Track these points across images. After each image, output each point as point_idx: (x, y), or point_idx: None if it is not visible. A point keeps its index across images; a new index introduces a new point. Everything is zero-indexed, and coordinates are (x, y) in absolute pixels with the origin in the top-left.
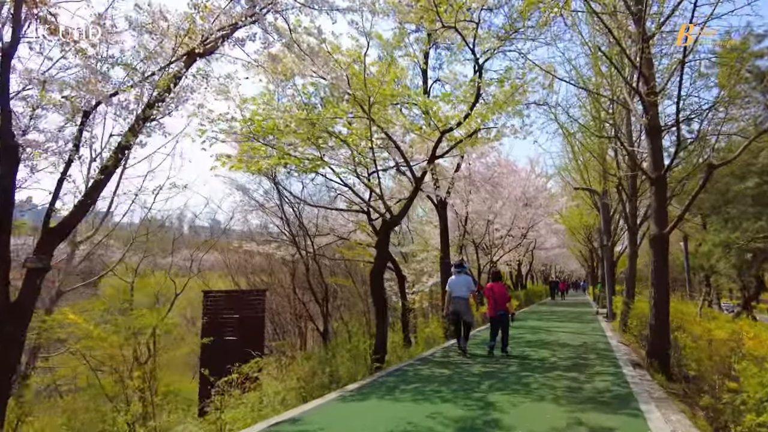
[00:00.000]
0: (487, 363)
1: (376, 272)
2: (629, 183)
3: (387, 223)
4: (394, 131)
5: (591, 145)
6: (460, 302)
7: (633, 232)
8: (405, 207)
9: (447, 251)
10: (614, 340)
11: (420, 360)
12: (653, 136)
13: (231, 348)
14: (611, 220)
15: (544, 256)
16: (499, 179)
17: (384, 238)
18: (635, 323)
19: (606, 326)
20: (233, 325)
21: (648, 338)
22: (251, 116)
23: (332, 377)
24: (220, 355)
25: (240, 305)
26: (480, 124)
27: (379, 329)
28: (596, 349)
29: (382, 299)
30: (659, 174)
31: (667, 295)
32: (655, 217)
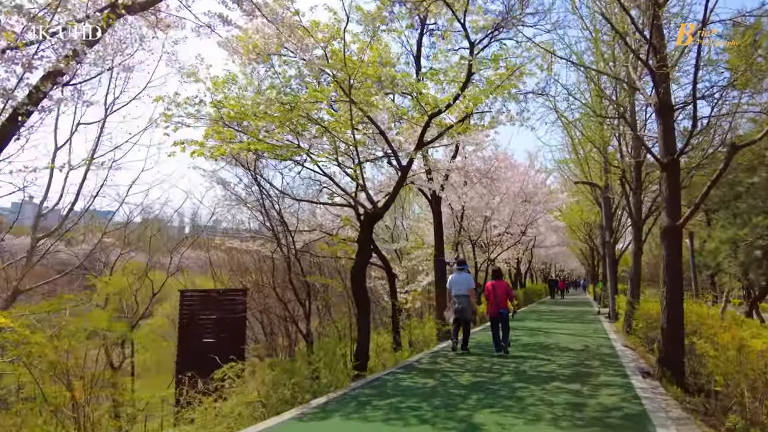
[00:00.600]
0: (477, 372)
1: (358, 270)
2: (633, 174)
3: (369, 216)
4: (380, 117)
5: (592, 135)
6: (461, 300)
7: (637, 227)
8: (390, 198)
9: (441, 248)
10: (618, 343)
11: (404, 367)
12: (664, 116)
13: (209, 351)
14: (613, 216)
15: (543, 254)
16: (497, 173)
17: (366, 232)
18: (641, 325)
19: (609, 327)
20: (211, 327)
21: (659, 344)
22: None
23: (298, 389)
24: (197, 359)
25: (219, 305)
26: (472, 109)
27: (361, 333)
28: (600, 354)
29: (365, 300)
30: (672, 158)
31: (681, 296)
32: (667, 207)
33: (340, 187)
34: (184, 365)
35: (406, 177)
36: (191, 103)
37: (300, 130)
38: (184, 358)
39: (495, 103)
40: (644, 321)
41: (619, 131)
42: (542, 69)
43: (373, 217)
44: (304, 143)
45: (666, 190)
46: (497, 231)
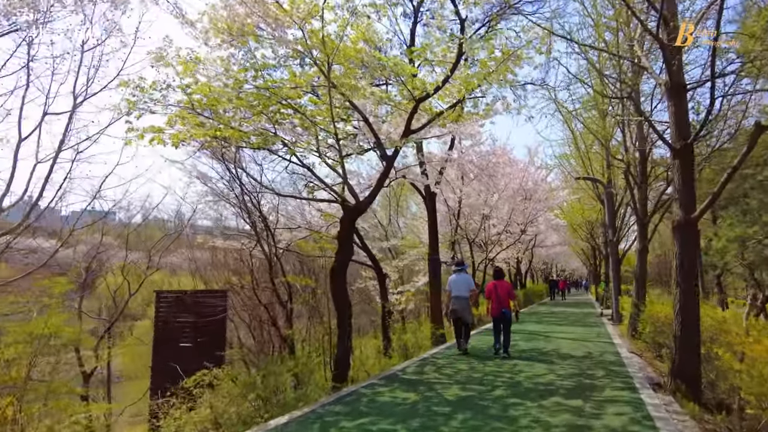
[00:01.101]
0: (466, 384)
1: (338, 270)
2: (638, 168)
3: (350, 211)
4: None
5: (594, 127)
6: (460, 302)
7: (642, 224)
8: (373, 192)
9: (436, 247)
10: (624, 349)
11: (386, 378)
12: (677, 96)
13: (186, 356)
14: (617, 213)
15: (544, 254)
16: (495, 169)
17: (347, 228)
18: (648, 329)
19: (612, 331)
20: (189, 330)
21: (671, 353)
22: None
23: (262, 404)
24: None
25: (198, 307)
26: (464, 94)
27: (341, 340)
28: (604, 363)
29: (345, 303)
30: (685, 143)
31: (696, 299)
32: (679, 199)
33: (320, 179)
34: (160, 372)
35: (390, 168)
36: (157, 88)
37: (279, 119)
38: (159, 365)
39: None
40: (651, 325)
41: (622, 122)
42: (540, 52)
43: (354, 212)
44: (285, 134)
45: (678, 179)
46: (496, 230)
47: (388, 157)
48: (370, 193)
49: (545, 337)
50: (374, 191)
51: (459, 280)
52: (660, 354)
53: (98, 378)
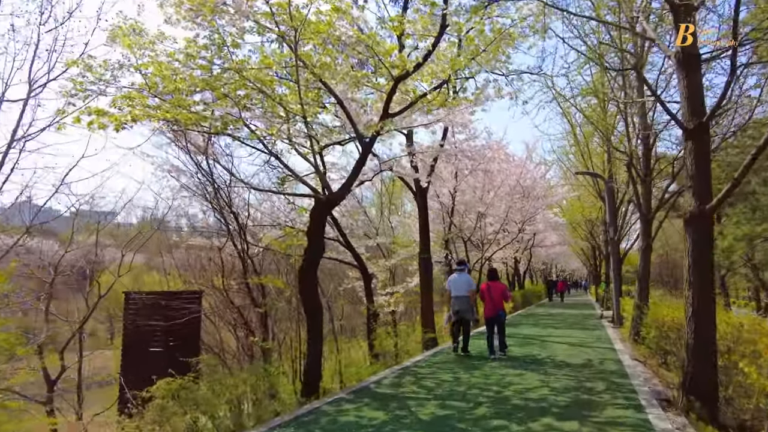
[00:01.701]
0: (447, 399)
1: (306, 269)
2: (642, 160)
3: (322, 204)
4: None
5: (593, 116)
6: (461, 301)
7: (646, 220)
8: (347, 182)
9: (427, 246)
10: (626, 356)
11: (356, 391)
12: (689, 68)
13: (158, 360)
14: (618, 210)
15: (543, 254)
16: (490, 165)
17: (318, 223)
18: (653, 333)
19: (613, 335)
20: (160, 334)
21: (683, 365)
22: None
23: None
24: (143, 370)
25: (170, 310)
26: (449, 73)
27: (311, 348)
28: (604, 373)
29: (315, 306)
30: (699, 122)
31: (713, 301)
32: (693, 186)
33: (290, 170)
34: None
35: (367, 155)
36: (108, 68)
37: (247, 104)
38: (128, 371)
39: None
40: (656, 329)
41: (625, 110)
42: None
43: (325, 205)
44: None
45: (691, 164)
46: (492, 228)
47: (365, 143)
48: (344, 184)
49: (541, 341)
50: (348, 182)
51: (459, 280)
52: (666, 361)
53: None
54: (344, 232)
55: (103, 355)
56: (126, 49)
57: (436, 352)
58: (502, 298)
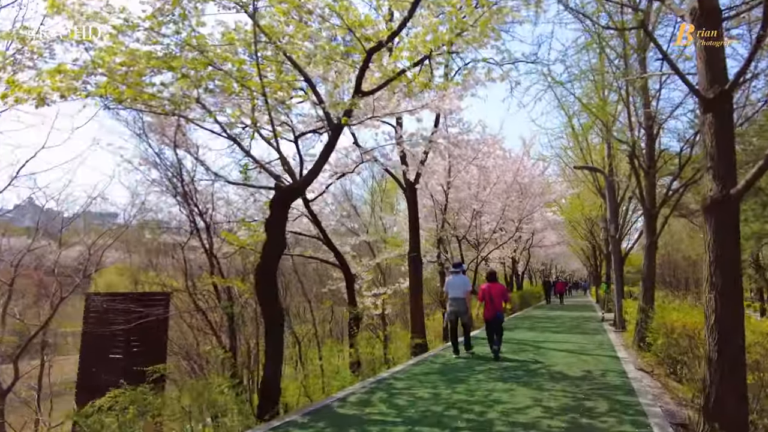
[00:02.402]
0: (418, 424)
1: (264, 268)
2: (645, 152)
3: (284, 192)
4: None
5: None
6: (458, 303)
7: (650, 215)
8: (313, 169)
9: (417, 244)
10: (631, 365)
11: (315, 412)
12: (710, 25)
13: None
14: (619, 208)
15: (543, 254)
16: (486, 160)
17: (279, 214)
18: (660, 341)
19: (616, 340)
20: (122, 339)
21: (705, 384)
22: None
23: None
24: (100, 378)
25: (133, 312)
26: (430, 48)
27: (270, 360)
28: (607, 387)
29: (274, 311)
30: (721, 90)
31: (740, 306)
32: (713, 168)
33: (248, 153)
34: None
35: (337, 137)
36: (43, 39)
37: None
38: (84, 380)
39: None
40: (664, 336)
41: (627, 94)
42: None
43: (288, 194)
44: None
45: (712, 141)
46: (489, 227)
47: (335, 124)
48: (310, 171)
49: (536, 348)
50: (315, 168)
51: (456, 281)
52: (675, 371)
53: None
54: (324, 228)
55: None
56: (69, 19)
57: (419, 361)
58: (501, 299)
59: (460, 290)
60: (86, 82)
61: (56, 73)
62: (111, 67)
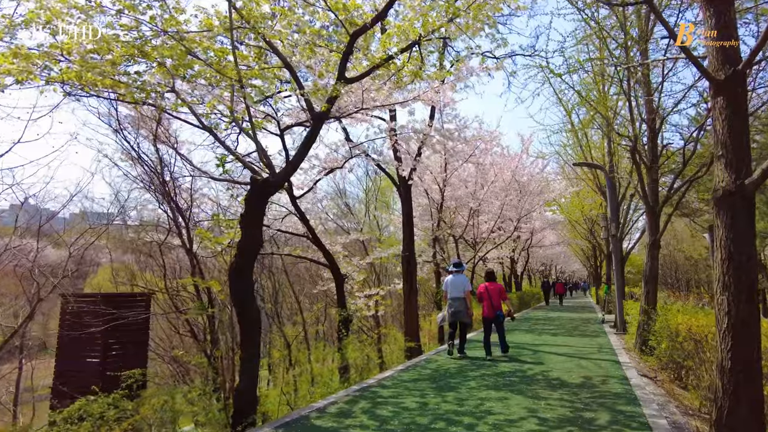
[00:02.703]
0: None
1: (239, 267)
2: (648, 146)
3: (260, 186)
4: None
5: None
6: (458, 303)
7: (653, 213)
8: (294, 160)
9: (411, 244)
10: (633, 371)
11: (288, 424)
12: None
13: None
14: (621, 205)
15: (542, 254)
16: (483, 157)
17: (255, 210)
18: (664, 344)
19: (617, 343)
20: (100, 342)
21: (717, 395)
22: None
23: None
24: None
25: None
26: (419, 34)
27: (245, 366)
28: (608, 396)
29: (250, 314)
30: (734, 69)
31: (755, 309)
32: (725, 156)
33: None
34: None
35: (319, 127)
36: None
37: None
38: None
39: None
40: (668, 339)
41: (628, 93)
42: None
43: (265, 187)
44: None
45: (723, 127)
46: (486, 226)
47: (317, 113)
48: (289, 163)
49: (533, 352)
50: (294, 161)
51: (456, 281)
52: (679, 376)
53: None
54: (312, 227)
55: None
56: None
57: (409, 366)
58: (500, 298)
59: (460, 290)
60: (48, 68)
61: (12, 56)
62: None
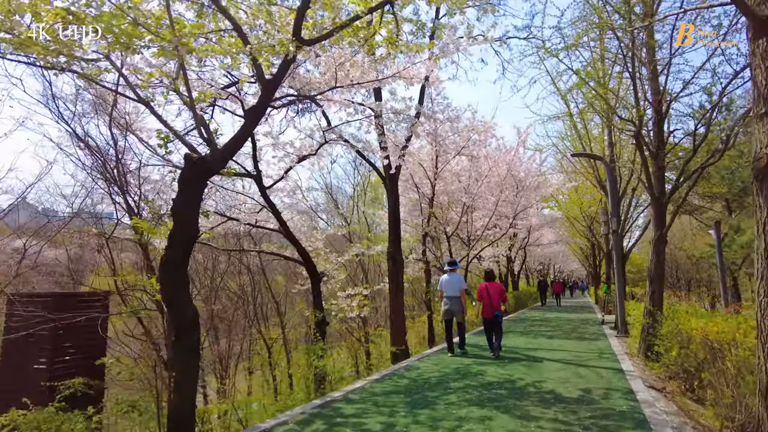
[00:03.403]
0: None
1: (170, 260)
2: (653, 132)
3: (193, 166)
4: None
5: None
6: (453, 302)
7: (659, 204)
8: (237, 136)
9: (398, 241)
10: (639, 381)
11: None
12: None
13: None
14: (622, 199)
15: (540, 253)
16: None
17: (188, 195)
18: (675, 352)
19: (618, 347)
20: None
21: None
22: None
23: None
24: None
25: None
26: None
27: (180, 382)
28: (611, 415)
29: (187, 319)
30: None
31: None
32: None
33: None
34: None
35: (269, 96)
36: None
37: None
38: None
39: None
40: (679, 346)
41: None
42: None
43: (202, 167)
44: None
45: (765, 74)
46: (481, 223)
47: (268, 80)
48: (232, 139)
49: (527, 358)
50: (239, 136)
51: (451, 280)
52: (691, 386)
53: None
54: (283, 220)
55: None
56: None
57: (385, 375)
58: (500, 298)
59: (455, 289)
60: None
61: None
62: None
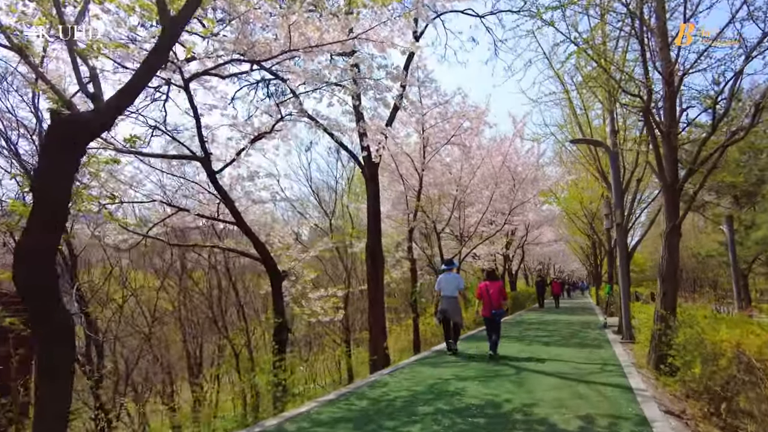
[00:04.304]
0: None
1: (31, 246)
2: (665, 109)
3: (62, 127)
4: None
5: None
6: (450, 302)
7: (672, 191)
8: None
9: (377, 235)
10: (653, 405)
11: None
12: None
13: None
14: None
15: (539, 252)
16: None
17: (55, 161)
18: (698, 369)
19: (624, 356)
20: None
21: None
22: None
23: None
24: None
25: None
26: None
27: (44, 402)
28: None
29: (52, 319)
30: None
31: None
32: None
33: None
34: None
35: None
36: None
37: None
38: None
39: None
40: (702, 360)
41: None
42: None
43: (69, 129)
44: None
45: None
46: (475, 218)
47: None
48: (118, 92)
49: (517, 371)
50: (130, 87)
51: (449, 279)
52: (718, 409)
53: None
54: (234, 206)
55: None
56: None
57: (341, 395)
58: (500, 298)
59: (453, 289)
60: None
61: None
62: None
